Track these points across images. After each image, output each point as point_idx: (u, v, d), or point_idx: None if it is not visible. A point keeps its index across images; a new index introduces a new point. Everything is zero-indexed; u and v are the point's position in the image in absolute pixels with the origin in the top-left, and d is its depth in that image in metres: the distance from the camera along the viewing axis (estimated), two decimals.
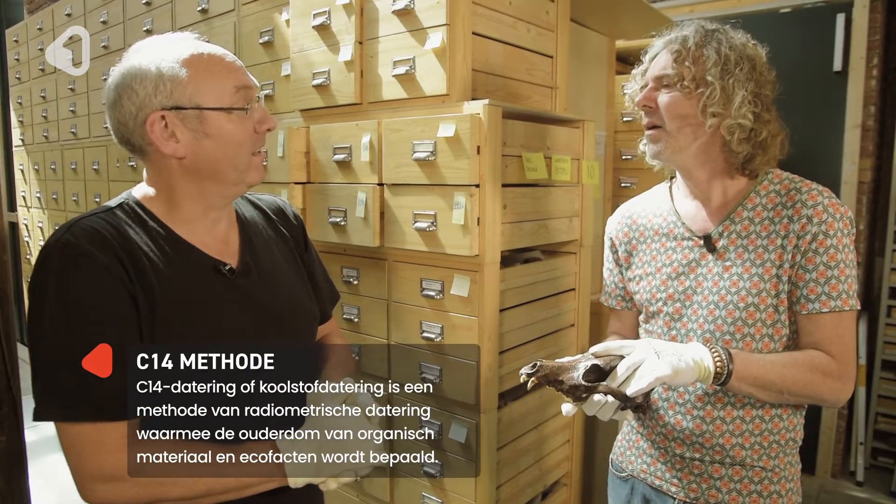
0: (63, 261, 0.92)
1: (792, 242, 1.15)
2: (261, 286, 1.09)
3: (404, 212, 1.69)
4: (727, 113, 1.16)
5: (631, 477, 1.34)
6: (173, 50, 1.00)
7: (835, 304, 1.13)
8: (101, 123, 3.37)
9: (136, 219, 1.01)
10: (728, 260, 1.20)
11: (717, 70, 1.15)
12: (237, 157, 1.03)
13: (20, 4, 5.50)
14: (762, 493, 1.20)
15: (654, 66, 1.23)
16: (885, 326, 3.38)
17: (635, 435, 1.35)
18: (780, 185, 1.21)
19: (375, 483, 1.85)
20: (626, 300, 1.40)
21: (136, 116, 0.99)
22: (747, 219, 1.20)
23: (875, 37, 3.20)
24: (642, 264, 1.32)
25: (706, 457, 1.22)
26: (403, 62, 1.71)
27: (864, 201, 3.26)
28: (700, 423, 1.21)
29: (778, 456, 1.21)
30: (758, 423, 1.19)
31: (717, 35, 1.19)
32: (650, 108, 1.22)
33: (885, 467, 3.35)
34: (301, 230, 1.26)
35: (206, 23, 2.51)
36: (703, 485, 1.23)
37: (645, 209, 1.36)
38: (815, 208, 1.14)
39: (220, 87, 1.00)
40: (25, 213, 4.45)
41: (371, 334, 1.87)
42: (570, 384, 1.08)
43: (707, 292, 1.21)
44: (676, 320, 1.24)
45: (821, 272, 1.13)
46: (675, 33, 1.23)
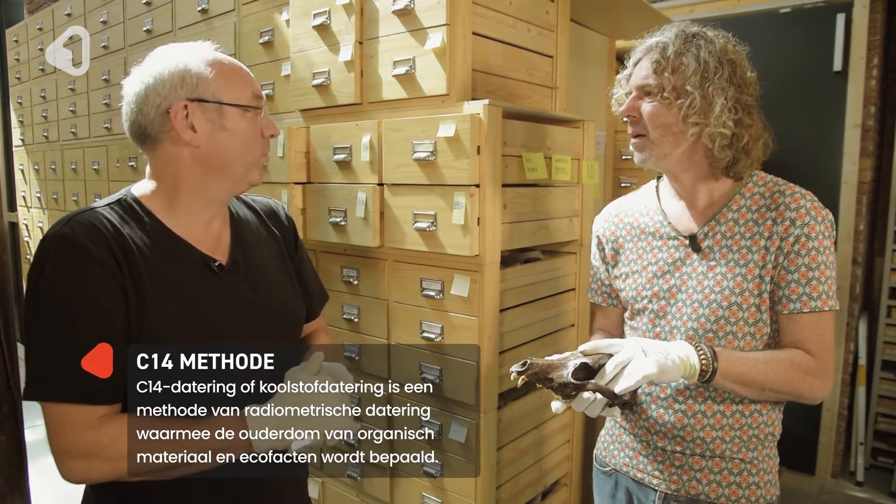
0: (59, 252, 0.97)
1: (775, 244, 1.18)
2: (248, 283, 1.13)
3: (404, 212, 1.69)
4: (707, 121, 1.18)
5: (614, 471, 1.38)
6: (199, 53, 1.08)
7: (815, 305, 1.16)
8: (101, 123, 3.37)
9: (132, 214, 1.06)
10: (712, 260, 1.22)
11: (696, 79, 1.17)
12: (246, 154, 1.10)
13: (20, 4, 5.50)
14: (741, 485, 1.24)
15: (637, 74, 1.24)
16: (885, 326, 3.38)
17: (618, 430, 1.38)
18: (764, 187, 1.23)
19: (375, 483, 1.85)
20: (612, 297, 1.42)
21: (160, 105, 1.05)
22: (732, 220, 1.23)
23: (875, 37, 3.19)
24: (628, 262, 1.34)
25: (687, 450, 1.25)
26: (403, 62, 1.71)
27: (864, 201, 3.26)
28: (682, 416, 1.24)
29: (757, 449, 1.24)
30: (738, 417, 1.22)
31: (697, 41, 1.20)
32: (634, 118, 1.24)
33: (885, 467, 3.35)
34: (292, 231, 1.30)
35: (206, 23, 2.50)
36: (684, 476, 1.26)
37: (632, 208, 1.38)
38: (799, 211, 1.17)
39: (239, 90, 1.09)
40: (25, 213, 4.45)
41: (371, 334, 1.87)
42: (559, 382, 1.11)
43: (691, 291, 1.23)
44: (661, 318, 1.26)
45: (802, 273, 1.16)
46: (655, 38, 1.24)
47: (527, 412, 1.84)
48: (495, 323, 1.66)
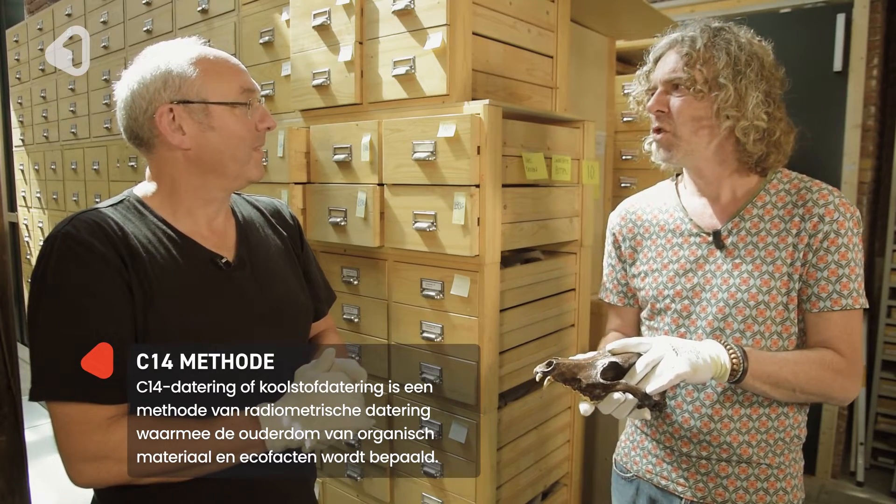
0: (63, 250, 0.96)
1: (803, 240, 1.15)
2: (255, 280, 1.12)
3: (404, 212, 1.69)
4: (742, 115, 1.16)
5: (636, 477, 1.34)
6: (183, 52, 1.06)
7: (846, 303, 1.13)
8: (102, 123, 3.37)
9: (136, 213, 1.06)
10: (737, 257, 1.19)
11: (728, 71, 1.15)
12: (238, 150, 1.08)
13: (20, 4, 5.50)
14: (768, 490, 1.21)
15: (662, 68, 1.21)
16: (885, 326, 3.38)
17: (640, 435, 1.34)
18: (789, 184, 1.21)
19: (375, 483, 1.85)
20: (629, 297, 1.39)
21: (146, 111, 1.04)
22: (757, 216, 1.20)
23: (875, 37, 3.19)
24: (647, 260, 1.31)
25: (713, 455, 1.22)
26: (403, 62, 1.71)
27: (864, 201, 3.26)
28: (708, 421, 1.21)
29: (783, 453, 1.21)
30: (764, 420, 1.20)
31: (725, 34, 1.18)
32: (662, 113, 1.20)
33: (886, 467, 3.35)
34: (298, 230, 1.30)
35: (206, 23, 2.51)
36: (710, 483, 1.23)
37: (649, 205, 1.35)
38: (827, 207, 1.14)
39: (226, 86, 1.06)
40: (25, 213, 4.45)
41: (371, 334, 1.87)
42: (587, 382, 1.07)
43: (716, 290, 1.20)
44: (685, 317, 1.23)
45: (832, 270, 1.13)
46: (679, 33, 1.21)
47: (527, 412, 1.84)
48: (495, 323, 1.66)
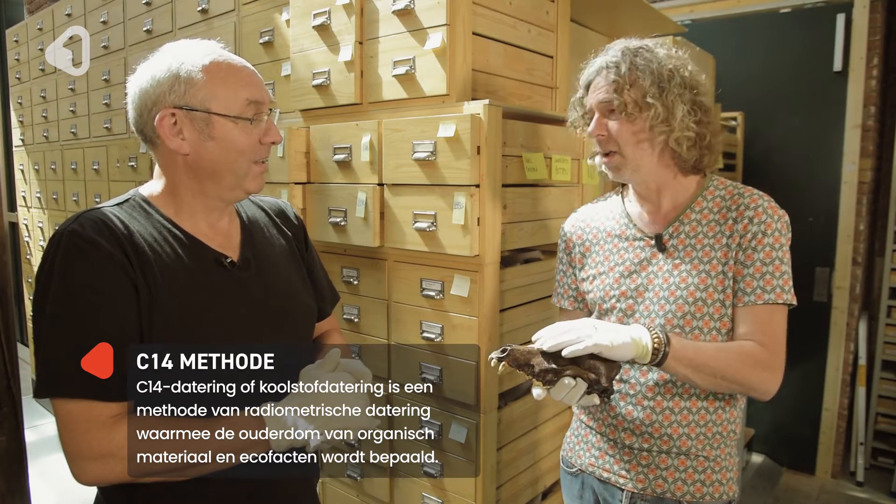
0: (68, 248, 0.96)
1: (735, 240, 1.24)
2: (260, 280, 1.12)
3: (404, 212, 1.69)
4: (672, 128, 1.25)
5: (580, 472, 1.40)
6: (197, 55, 1.05)
7: (768, 297, 1.21)
8: (102, 123, 3.37)
9: (141, 212, 1.06)
10: (677, 258, 1.28)
11: (654, 90, 1.24)
12: (237, 163, 1.07)
13: (20, 4, 5.50)
14: (705, 482, 1.28)
15: (595, 94, 1.30)
16: (885, 326, 3.39)
17: (585, 429, 1.40)
18: (724, 190, 1.30)
19: (375, 483, 1.85)
20: (578, 301, 1.45)
21: (151, 111, 1.04)
22: (695, 220, 1.29)
23: (875, 37, 3.20)
24: (595, 264, 1.39)
25: (654, 447, 1.28)
26: (403, 62, 1.71)
27: (864, 201, 3.26)
28: (650, 412, 1.28)
29: (720, 447, 1.28)
30: (703, 413, 1.27)
31: (645, 54, 1.27)
32: (603, 136, 1.29)
33: (885, 467, 3.35)
34: (302, 230, 1.30)
35: (206, 23, 2.51)
36: (651, 475, 1.29)
37: (598, 213, 1.44)
38: (756, 210, 1.24)
39: (233, 96, 1.05)
40: (25, 213, 4.45)
41: (371, 334, 1.87)
42: (539, 368, 1.13)
43: (658, 289, 1.28)
44: (629, 316, 1.31)
45: (757, 268, 1.22)
46: (603, 58, 1.30)
47: (527, 412, 1.84)
48: (495, 323, 1.66)
